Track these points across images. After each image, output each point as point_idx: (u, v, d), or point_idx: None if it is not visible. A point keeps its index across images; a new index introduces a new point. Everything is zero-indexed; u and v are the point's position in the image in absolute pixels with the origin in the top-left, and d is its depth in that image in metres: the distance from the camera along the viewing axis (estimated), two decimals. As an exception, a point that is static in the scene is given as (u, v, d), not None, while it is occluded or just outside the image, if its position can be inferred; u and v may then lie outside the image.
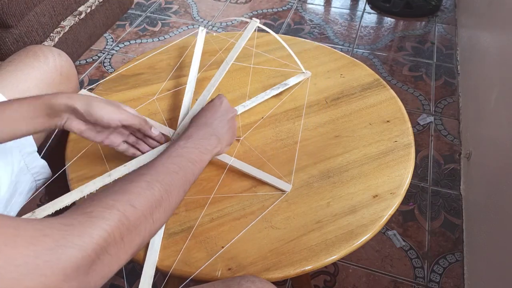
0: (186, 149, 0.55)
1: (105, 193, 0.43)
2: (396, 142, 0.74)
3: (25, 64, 0.71)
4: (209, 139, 0.59)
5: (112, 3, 1.85)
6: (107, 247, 0.38)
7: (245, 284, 0.49)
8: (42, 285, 0.33)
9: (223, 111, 0.65)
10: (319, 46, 0.95)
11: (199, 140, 0.58)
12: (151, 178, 0.47)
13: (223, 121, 0.64)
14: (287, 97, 0.82)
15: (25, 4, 1.40)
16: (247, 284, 0.49)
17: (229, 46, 0.92)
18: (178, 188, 0.49)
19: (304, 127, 0.77)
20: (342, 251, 0.59)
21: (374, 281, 1.07)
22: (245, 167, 0.68)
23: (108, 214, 0.39)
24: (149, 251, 0.58)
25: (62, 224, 0.37)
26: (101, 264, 0.38)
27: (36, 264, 0.33)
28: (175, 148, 0.54)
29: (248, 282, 0.50)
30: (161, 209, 0.46)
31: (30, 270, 0.33)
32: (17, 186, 0.68)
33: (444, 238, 1.17)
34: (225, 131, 0.63)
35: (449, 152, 1.40)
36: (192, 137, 0.58)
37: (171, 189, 0.48)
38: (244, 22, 1.97)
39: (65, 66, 0.77)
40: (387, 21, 2.01)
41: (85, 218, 0.38)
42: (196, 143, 0.57)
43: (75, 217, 0.38)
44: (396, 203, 0.64)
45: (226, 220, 0.62)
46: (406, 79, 1.67)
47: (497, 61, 1.22)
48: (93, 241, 0.37)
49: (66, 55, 0.78)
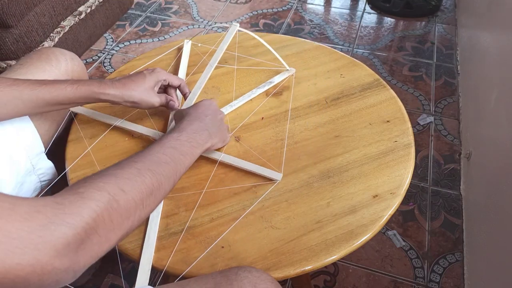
0: (179, 141, 0.57)
1: (97, 175, 0.45)
2: (396, 142, 0.74)
3: (36, 67, 0.72)
4: (201, 134, 0.62)
5: (112, 3, 1.85)
6: (97, 227, 0.40)
7: (242, 274, 0.50)
8: (35, 260, 0.34)
9: (214, 111, 0.68)
10: (319, 46, 0.95)
11: (192, 133, 0.60)
12: (142, 165, 0.49)
13: (214, 119, 0.66)
14: (287, 97, 0.82)
15: (25, 4, 1.39)
16: (244, 274, 0.50)
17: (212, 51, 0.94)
18: (168, 178, 0.52)
19: (304, 127, 0.77)
20: (342, 251, 0.59)
21: (374, 281, 1.07)
22: (235, 161, 0.69)
23: (99, 196, 0.41)
24: (145, 246, 0.59)
25: (55, 202, 0.38)
26: (90, 243, 0.39)
27: (30, 239, 0.34)
28: (168, 140, 0.57)
29: (245, 272, 0.51)
30: (151, 196, 0.48)
31: (25, 244, 0.34)
32: (23, 187, 0.69)
33: (444, 238, 1.17)
34: (216, 128, 0.66)
35: (449, 152, 1.40)
36: (185, 130, 0.60)
37: (162, 178, 0.50)
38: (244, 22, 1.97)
39: (77, 71, 0.77)
40: (387, 21, 2.01)
41: (77, 198, 0.40)
42: (188, 136, 0.59)
43: (66, 196, 0.40)
44: (396, 203, 0.64)
45: (226, 220, 0.62)
46: (406, 79, 1.67)
47: (497, 61, 1.22)
48: (83, 220, 0.38)
49: (78, 59, 0.79)
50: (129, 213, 0.44)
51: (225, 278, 0.50)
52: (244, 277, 0.50)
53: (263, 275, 0.51)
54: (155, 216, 0.62)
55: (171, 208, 0.64)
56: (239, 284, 0.49)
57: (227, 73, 0.89)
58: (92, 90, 0.64)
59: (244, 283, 0.49)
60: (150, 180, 0.48)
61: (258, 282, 0.50)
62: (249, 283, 0.49)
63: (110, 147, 0.73)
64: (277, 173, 0.68)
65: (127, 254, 0.60)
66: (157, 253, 0.59)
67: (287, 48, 0.94)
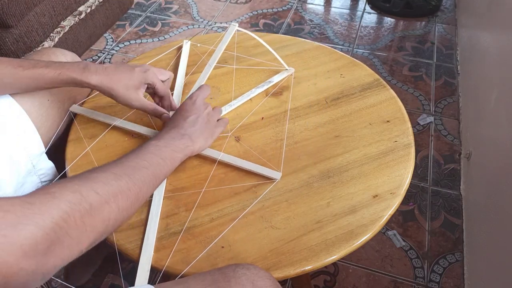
0: (157, 147, 0.58)
1: (72, 178, 0.44)
2: (396, 142, 0.74)
3: None
4: (180, 139, 0.62)
5: (112, 3, 1.85)
6: (68, 229, 0.39)
7: (240, 271, 0.50)
8: (1, 260, 0.33)
9: (196, 109, 0.67)
10: (319, 46, 0.95)
11: (170, 140, 0.60)
12: (119, 170, 0.49)
13: (195, 120, 0.66)
14: (287, 97, 0.82)
15: (25, 4, 1.39)
16: (242, 271, 0.50)
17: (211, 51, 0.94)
18: (147, 183, 0.51)
19: (304, 127, 0.77)
20: (342, 251, 0.59)
21: (374, 281, 1.07)
22: (234, 160, 0.69)
23: (71, 197, 0.40)
24: (144, 246, 0.59)
25: (25, 201, 0.37)
26: (60, 245, 0.38)
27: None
28: (147, 146, 0.57)
29: (243, 269, 0.51)
30: (128, 201, 0.47)
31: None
32: (24, 187, 0.69)
33: (444, 238, 1.17)
34: (198, 130, 0.65)
35: (449, 152, 1.40)
36: (163, 138, 0.61)
37: (139, 183, 0.50)
38: (244, 22, 1.97)
39: None
40: (387, 21, 2.01)
41: (48, 197, 0.39)
42: (167, 142, 0.60)
43: (38, 196, 0.39)
44: (396, 203, 0.64)
45: (226, 220, 0.62)
46: (406, 79, 1.67)
47: (497, 61, 1.22)
48: (53, 220, 0.37)
49: (79, 59, 0.79)
50: (103, 216, 0.43)
51: (223, 275, 0.50)
52: (242, 274, 0.50)
53: (261, 272, 0.51)
54: (154, 215, 0.62)
55: (171, 208, 0.64)
56: (237, 281, 0.49)
57: (227, 73, 0.89)
58: (74, 77, 0.63)
59: (242, 280, 0.49)
60: (126, 184, 0.48)
61: (256, 279, 0.50)
62: (247, 280, 0.49)
63: (110, 147, 0.73)
64: (276, 172, 0.68)
65: (126, 254, 0.60)
66: (157, 253, 0.59)
67: (287, 48, 0.94)
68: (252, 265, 0.53)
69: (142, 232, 0.61)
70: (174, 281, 0.51)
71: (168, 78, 0.74)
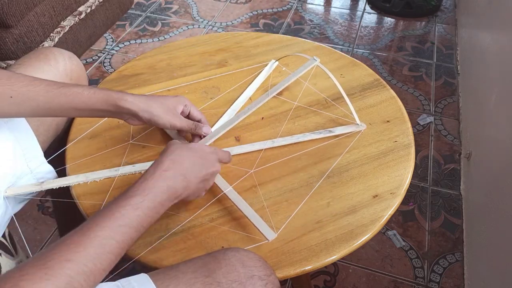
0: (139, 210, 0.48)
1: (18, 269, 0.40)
2: (396, 142, 0.74)
3: (34, 67, 0.71)
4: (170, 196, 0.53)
5: (112, 3, 1.85)
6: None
7: (230, 253, 0.52)
8: None
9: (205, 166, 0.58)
10: (319, 46, 0.95)
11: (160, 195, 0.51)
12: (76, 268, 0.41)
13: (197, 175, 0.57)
14: (287, 97, 0.82)
15: (25, 4, 1.39)
16: (232, 253, 0.52)
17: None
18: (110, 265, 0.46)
19: (304, 127, 0.77)
20: (342, 251, 0.59)
21: (374, 281, 1.07)
22: (238, 202, 0.63)
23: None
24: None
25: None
26: None
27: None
28: (125, 209, 0.47)
29: (233, 251, 0.52)
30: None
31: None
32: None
33: (444, 238, 1.17)
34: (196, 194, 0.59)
35: (449, 152, 1.40)
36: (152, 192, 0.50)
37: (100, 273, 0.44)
38: (244, 22, 1.97)
39: (75, 70, 0.77)
40: (387, 21, 2.01)
41: None
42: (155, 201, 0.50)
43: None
44: (396, 203, 0.64)
45: (226, 220, 0.62)
46: (406, 79, 1.67)
47: (497, 61, 1.22)
48: None
49: (77, 58, 0.78)
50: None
51: (213, 258, 0.51)
52: (232, 256, 0.51)
53: (250, 254, 0.52)
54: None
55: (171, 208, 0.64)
56: (227, 262, 0.50)
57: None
58: (110, 95, 0.62)
59: (232, 261, 0.50)
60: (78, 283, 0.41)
61: (246, 260, 0.51)
62: (237, 261, 0.51)
63: (110, 147, 0.73)
64: (271, 231, 0.59)
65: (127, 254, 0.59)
66: (157, 253, 0.59)
67: (287, 48, 0.94)
68: (242, 248, 0.54)
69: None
70: (166, 267, 0.52)
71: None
